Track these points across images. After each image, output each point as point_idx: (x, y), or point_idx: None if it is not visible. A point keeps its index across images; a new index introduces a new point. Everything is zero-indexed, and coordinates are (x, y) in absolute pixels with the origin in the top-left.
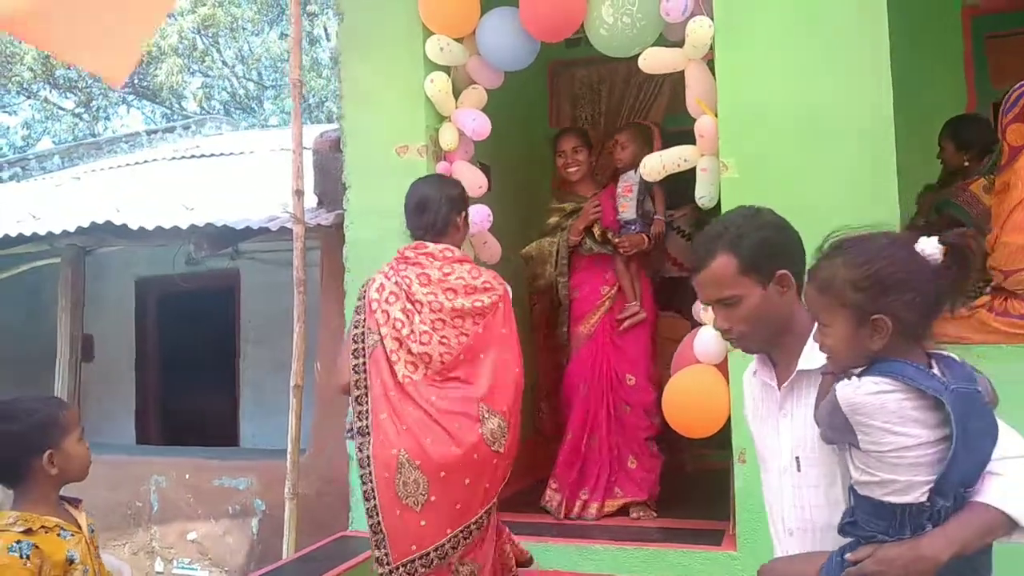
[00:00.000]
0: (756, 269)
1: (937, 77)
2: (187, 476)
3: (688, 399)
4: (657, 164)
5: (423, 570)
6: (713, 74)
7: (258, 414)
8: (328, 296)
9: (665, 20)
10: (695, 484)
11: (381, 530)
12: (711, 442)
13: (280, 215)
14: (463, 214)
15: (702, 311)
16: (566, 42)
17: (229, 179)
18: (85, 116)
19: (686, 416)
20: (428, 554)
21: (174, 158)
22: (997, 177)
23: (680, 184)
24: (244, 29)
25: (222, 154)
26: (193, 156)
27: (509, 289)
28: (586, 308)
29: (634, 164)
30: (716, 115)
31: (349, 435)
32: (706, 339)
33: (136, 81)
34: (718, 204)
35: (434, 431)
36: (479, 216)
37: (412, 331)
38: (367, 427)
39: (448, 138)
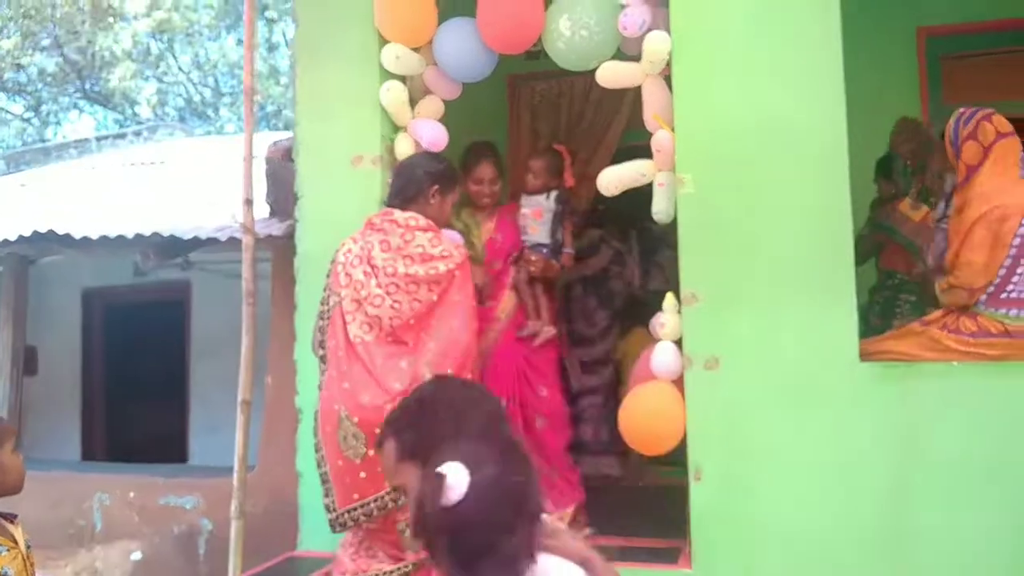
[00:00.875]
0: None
1: (891, 96)
2: (131, 494)
3: (644, 415)
4: (614, 178)
5: (365, 519)
6: (671, 89)
7: (208, 430)
8: (279, 308)
9: (623, 34)
10: (648, 500)
11: (328, 479)
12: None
13: (230, 225)
14: (440, 189)
15: (659, 326)
16: (525, 55)
17: (179, 188)
18: (35, 121)
19: (642, 432)
20: (368, 504)
21: (124, 165)
22: (956, 194)
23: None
24: (200, 34)
25: (173, 162)
26: (144, 164)
27: (468, 257)
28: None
29: (543, 191)
30: (673, 130)
31: None
32: (664, 355)
33: (87, 86)
34: (674, 220)
35: (371, 389)
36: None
37: (369, 294)
38: (321, 383)
39: (404, 148)
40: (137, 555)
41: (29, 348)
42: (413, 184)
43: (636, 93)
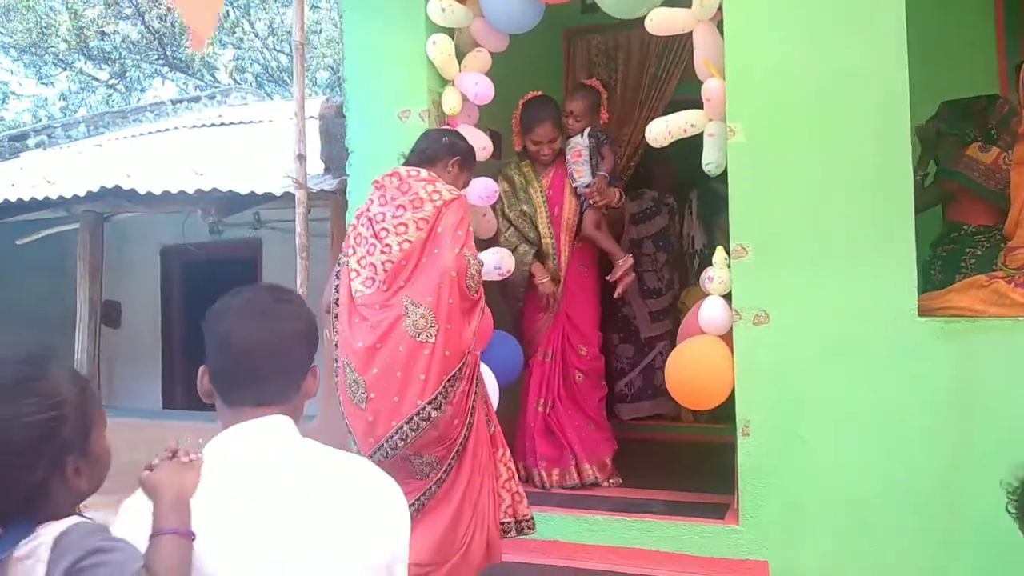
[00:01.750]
0: None
1: (966, 43)
2: (200, 440)
3: (692, 371)
4: (663, 129)
5: (384, 461)
6: (722, 35)
7: None
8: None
9: None
10: (698, 456)
11: (349, 429)
12: (716, 413)
13: (284, 181)
14: (460, 163)
15: (707, 280)
16: (581, 8)
17: (245, 146)
18: (120, 87)
19: (690, 388)
20: (382, 447)
21: (195, 126)
22: (1017, 147)
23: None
24: (275, 1)
25: (242, 122)
26: (213, 124)
27: (463, 198)
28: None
29: (582, 130)
30: (723, 78)
31: None
32: (712, 309)
33: (169, 53)
34: (725, 171)
35: (363, 333)
36: (486, 191)
37: (367, 247)
38: (336, 341)
39: (451, 102)
40: None
41: (112, 303)
42: (435, 149)
43: (691, 49)
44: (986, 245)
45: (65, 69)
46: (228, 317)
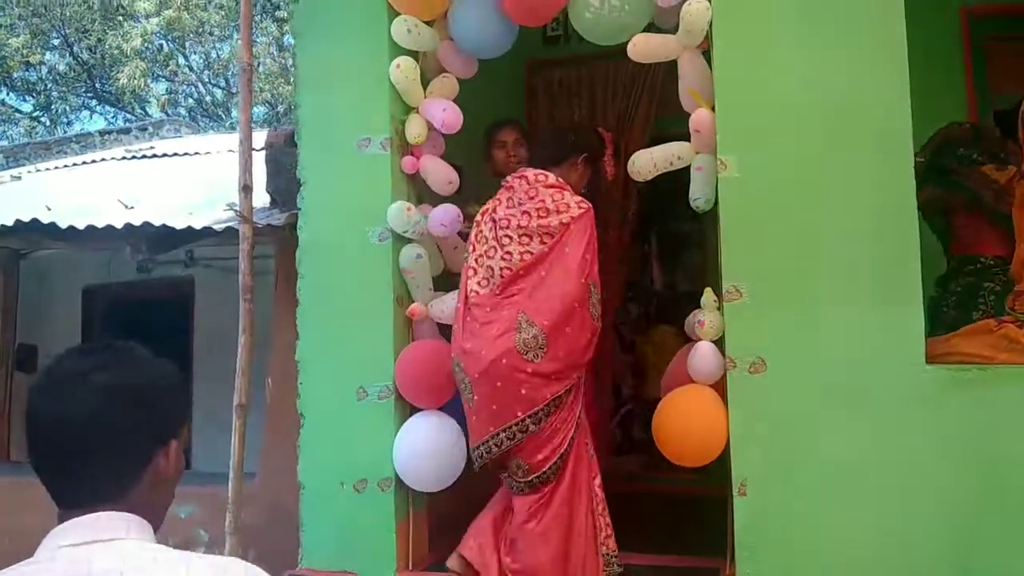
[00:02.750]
0: None
1: (934, 81)
2: None
3: (683, 423)
4: (647, 162)
5: (486, 456)
6: (709, 65)
7: (211, 435)
8: (283, 305)
9: (657, 3)
10: (683, 511)
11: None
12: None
13: (226, 215)
14: (588, 159)
15: (696, 325)
16: (544, 40)
17: (179, 179)
18: (44, 120)
19: (681, 443)
20: (479, 447)
21: (124, 158)
22: (1018, 187)
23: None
24: (211, 34)
25: (176, 154)
26: (145, 156)
27: (591, 211)
28: None
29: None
30: (713, 109)
31: None
32: (703, 355)
33: (98, 86)
34: (715, 206)
35: (475, 338)
36: (448, 217)
37: (487, 247)
38: None
39: (416, 130)
40: None
41: (28, 347)
42: (561, 148)
43: (665, 80)
44: (1003, 279)
45: None
46: (29, 394)
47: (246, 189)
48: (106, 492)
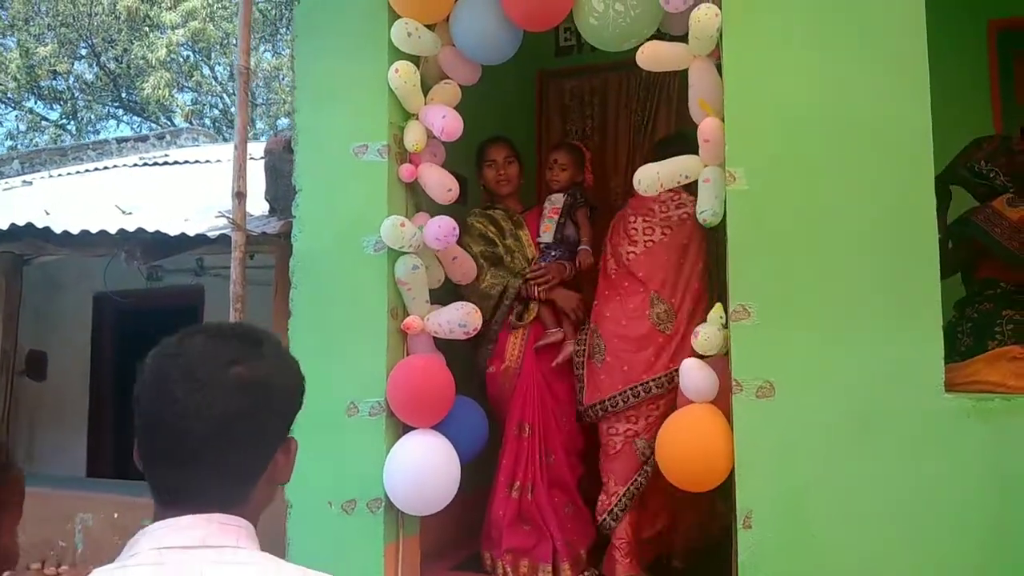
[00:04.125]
0: None
1: (960, 93)
2: (115, 515)
3: (686, 445)
4: (653, 178)
5: (602, 413)
6: (721, 74)
7: None
8: (279, 316)
9: (664, 10)
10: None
11: (582, 379)
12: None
13: (221, 223)
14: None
15: (693, 337)
16: (556, 50)
17: (184, 186)
18: (70, 128)
19: (684, 466)
20: (604, 402)
21: (135, 165)
22: None
23: None
24: (236, 46)
25: (187, 162)
26: (156, 163)
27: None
28: (505, 342)
29: (568, 187)
30: (722, 119)
31: None
32: (688, 371)
33: (124, 95)
34: (723, 220)
35: (613, 307)
36: (443, 229)
37: (620, 237)
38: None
39: (414, 137)
40: None
41: (38, 353)
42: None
43: (681, 91)
44: None
45: (14, 108)
46: (150, 375)
47: (239, 196)
48: (225, 494)
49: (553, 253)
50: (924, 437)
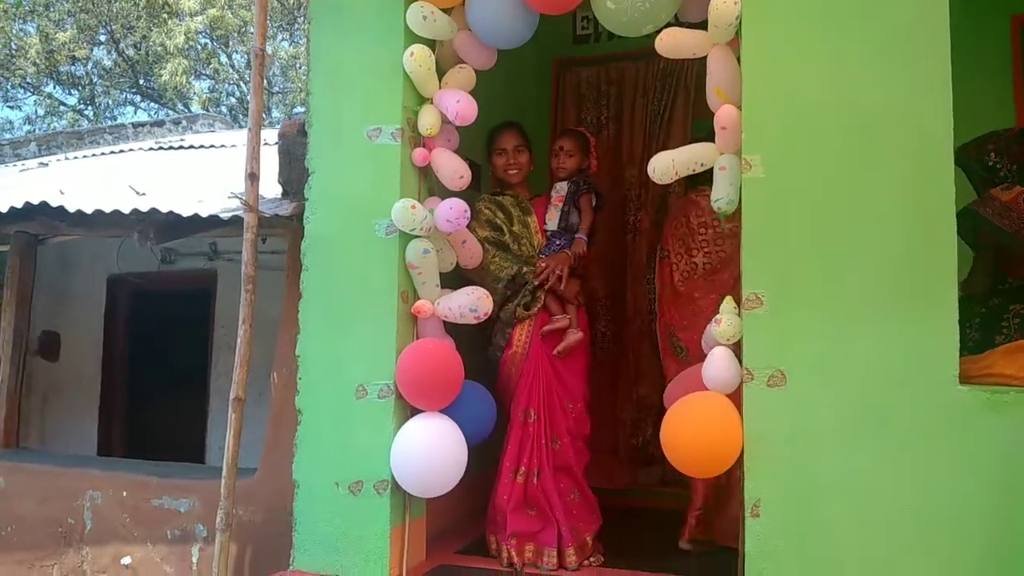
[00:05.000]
0: None
1: (982, 87)
2: (124, 494)
3: (695, 431)
4: (668, 166)
5: None
6: (739, 62)
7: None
8: (291, 299)
9: None
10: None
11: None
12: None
13: (234, 204)
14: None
15: (715, 324)
16: (573, 38)
17: (199, 169)
18: (88, 114)
19: (691, 451)
20: None
21: (151, 149)
22: None
23: None
24: (253, 33)
25: (203, 146)
26: (171, 148)
27: None
28: (513, 329)
29: (575, 173)
30: (740, 108)
31: None
32: (718, 361)
33: (142, 81)
34: (738, 208)
35: (691, 317)
36: (454, 213)
37: (685, 247)
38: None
39: (428, 121)
40: (127, 559)
41: (51, 333)
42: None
43: (700, 79)
44: None
45: (33, 93)
46: None
47: (252, 177)
48: None
49: (558, 241)
50: (937, 429)
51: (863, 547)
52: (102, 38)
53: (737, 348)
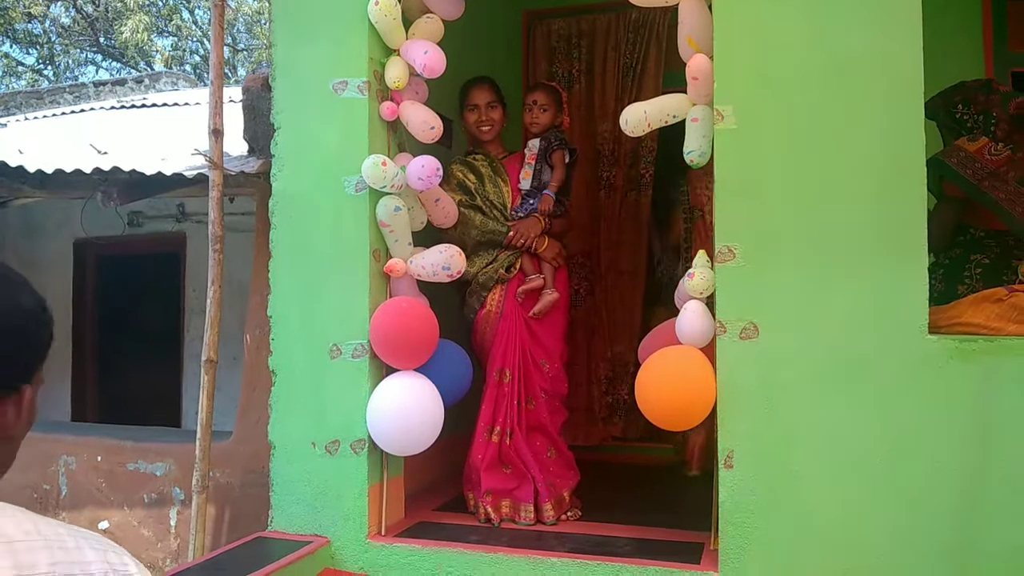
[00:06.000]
0: None
1: (953, 39)
2: (98, 458)
3: (669, 385)
4: (640, 117)
5: None
6: (711, 10)
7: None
8: (260, 258)
9: None
10: (668, 483)
11: None
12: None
13: (199, 162)
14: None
15: (688, 278)
16: None
17: (163, 128)
18: (48, 73)
19: (665, 405)
20: None
21: (114, 108)
22: None
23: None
24: None
25: (166, 104)
26: (134, 107)
27: None
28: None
29: (547, 129)
30: (712, 57)
31: None
32: (691, 314)
33: (102, 40)
34: (711, 161)
35: None
36: (426, 170)
37: None
38: None
39: (395, 74)
40: (105, 524)
41: None
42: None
43: (672, 31)
44: (996, 251)
45: None
46: None
47: (216, 133)
48: None
49: (531, 201)
50: (908, 378)
51: (835, 497)
52: None
53: (711, 302)
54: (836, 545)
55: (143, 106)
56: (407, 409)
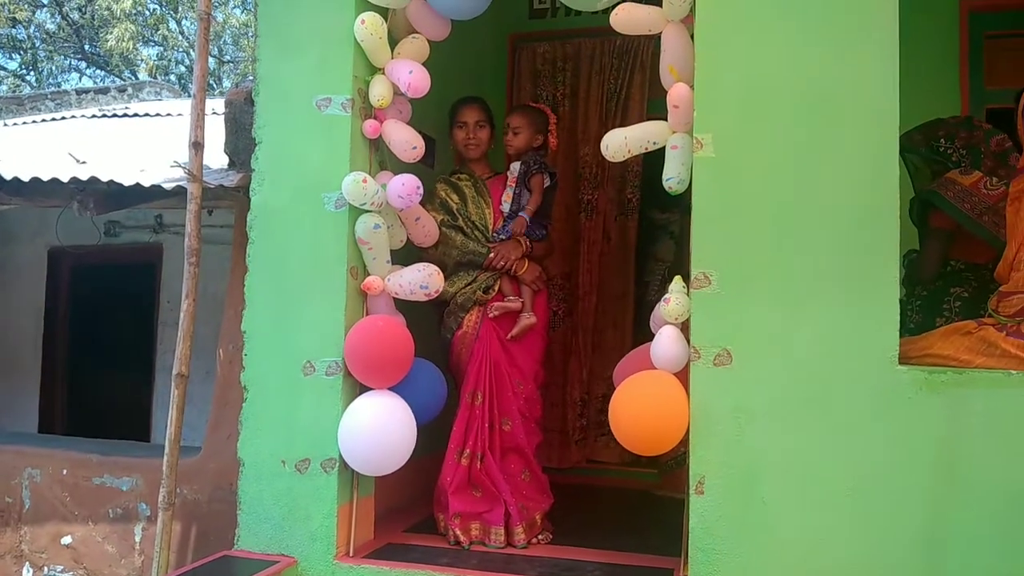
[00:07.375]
0: None
1: (929, 75)
2: (64, 471)
3: (642, 409)
4: (620, 144)
5: None
6: (693, 40)
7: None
8: (237, 273)
9: None
10: (639, 507)
11: None
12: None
13: (178, 174)
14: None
15: (664, 303)
16: (528, 12)
17: (143, 138)
18: (30, 79)
19: (638, 429)
20: None
21: (95, 116)
22: (1013, 182)
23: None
24: None
25: (147, 115)
26: (115, 116)
27: None
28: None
29: (527, 151)
30: (691, 87)
31: None
32: (666, 340)
33: (87, 47)
34: (689, 188)
35: None
36: (407, 187)
37: None
38: None
39: (379, 92)
40: (68, 539)
41: None
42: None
43: (653, 58)
44: (974, 285)
45: None
46: None
47: (196, 146)
48: None
49: (510, 224)
50: (876, 409)
51: (803, 524)
52: (44, 0)
53: (685, 327)
54: (803, 573)
55: (125, 115)
56: (380, 428)
